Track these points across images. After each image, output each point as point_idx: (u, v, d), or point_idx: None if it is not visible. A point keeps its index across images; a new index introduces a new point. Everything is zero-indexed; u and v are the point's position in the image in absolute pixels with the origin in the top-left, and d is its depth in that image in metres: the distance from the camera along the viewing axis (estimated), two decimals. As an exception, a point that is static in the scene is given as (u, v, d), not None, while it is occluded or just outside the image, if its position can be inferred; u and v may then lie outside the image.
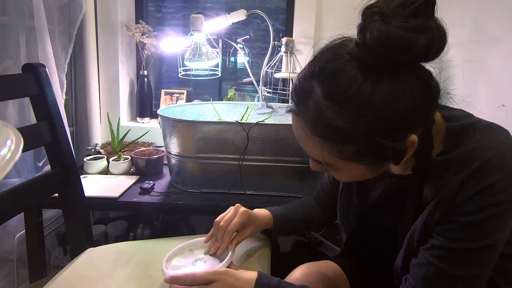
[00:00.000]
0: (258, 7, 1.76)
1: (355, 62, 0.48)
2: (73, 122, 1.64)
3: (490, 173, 0.49)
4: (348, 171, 0.55)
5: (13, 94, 0.85)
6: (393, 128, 0.48)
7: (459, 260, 0.52)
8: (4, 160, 0.36)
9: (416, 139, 0.50)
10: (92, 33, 1.55)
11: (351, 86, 0.47)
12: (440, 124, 0.56)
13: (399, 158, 0.52)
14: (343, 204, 0.77)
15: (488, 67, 0.92)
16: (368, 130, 0.47)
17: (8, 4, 1.23)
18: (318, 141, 0.51)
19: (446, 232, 0.52)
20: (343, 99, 0.47)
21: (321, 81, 0.49)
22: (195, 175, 1.16)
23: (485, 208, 0.49)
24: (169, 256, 0.71)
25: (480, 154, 0.50)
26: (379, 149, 0.49)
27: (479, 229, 0.50)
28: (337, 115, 0.48)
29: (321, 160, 0.54)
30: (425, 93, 0.49)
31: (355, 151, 0.50)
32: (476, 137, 0.52)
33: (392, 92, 0.47)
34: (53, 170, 0.86)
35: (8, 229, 1.24)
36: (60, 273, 0.76)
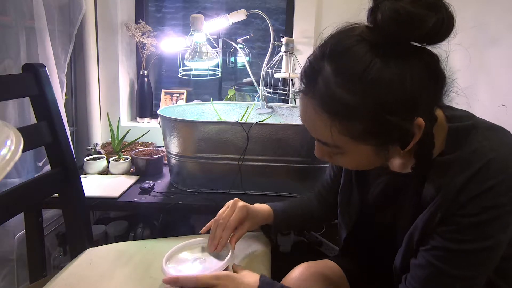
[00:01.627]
0: (258, 7, 1.76)
1: (365, 42, 0.49)
2: (73, 122, 1.64)
3: (491, 175, 0.49)
4: (354, 154, 0.54)
5: (13, 94, 0.85)
6: (401, 106, 0.48)
7: (460, 261, 0.51)
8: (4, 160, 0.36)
9: (423, 123, 0.50)
10: (92, 33, 1.55)
11: (361, 64, 0.48)
12: (442, 124, 0.56)
13: (405, 142, 0.52)
14: (343, 201, 0.77)
15: (488, 67, 0.92)
16: (377, 106, 0.48)
17: (8, 4, 1.23)
18: (328, 119, 0.51)
19: (447, 233, 0.52)
20: (352, 76, 0.48)
21: (331, 60, 0.50)
22: (195, 175, 1.16)
23: (486, 210, 0.49)
24: (168, 256, 0.70)
25: (482, 156, 0.50)
26: (387, 127, 0.49)
27: (480, 230, 0.50)
28: (347, 91, 0.48)
29: (329, 141, 0.53)
30: (432, 77, 0.50)
31: (364, 129, 0.50)
32: (478, 138, 0.52)
33: (401, 71, 0.47)
34: (53, 170, 0.86)
35: (8, 229, 1.24)
36: (60, 273, 0.76)
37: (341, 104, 0.49)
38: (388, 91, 0.47)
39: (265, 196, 1.15)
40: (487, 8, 0.93)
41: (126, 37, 1.69)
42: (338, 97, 0.49)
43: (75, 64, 1.60)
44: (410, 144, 0.52)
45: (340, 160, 0.58)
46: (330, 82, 0.49)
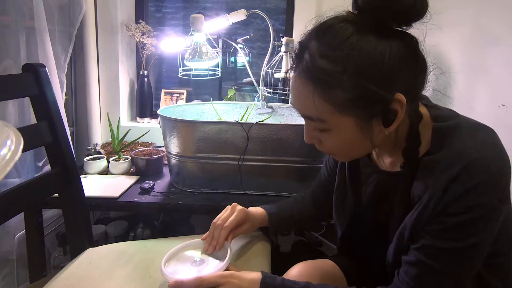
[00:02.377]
0: (258, 7, 1.76)
1: (348, 22, 0.53)
2: (73, 122, 1.64)
3: (473, 175, 0.50)
4: (339, 130, 0.56)
5: (13, 94, 0.85)
6: (379, 76, 0.51)
7: (448, 259, 0.53)
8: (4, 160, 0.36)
9: (404, 99, 0.52)
10: (92, 33, 1.55)
11: (342, 36, 0.52)
12: (428, 123, 0.58)
13: (388, 120, 0.53)
14: (338, 200, 0.78)
15: (488, 67, 0.92)
16: (357, 73, 0.50)
17: (8, 4, 1.23)
18: (311, 89, 0.53)
19: (435, 232, 0.54)
20: (334, 46, 0.51)
21: (317, 37, 0.54)
22: (195, 175, 1.16)
23: (470, 209, 0.51)
24: (167, 257, 0.70)
25: (465, 156, 0.51)
26: (367, 96, 0.51)
27: (465, 229, 0.52)
28: (328, 60, 0.52)
29: (314, 113, 0.55)
30: (411, 57, 0.53)
31: (345, 97, 0.52)
32: (461, 138, 0.53)
33: (380, 45, 0.51)
34: (53, 170, 0.86)
35: (8, 229, 1.24)
36: (60, 273, 0.76)
37: (323, 72, 0.52)
38: (367, 60, 0.50)
39: (265, 196, 1.15)
40: (487, 8, 0.93)
41: (126, 37, 1.69)
42: (321, 66, 0.52)
43: (75, 64, 1.60)
44: (393, 124, 0.54)
45: (327, 141, 0.59)
46: (314, 54, 0.53)
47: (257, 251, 0.83)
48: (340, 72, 0.51)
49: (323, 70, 0.52)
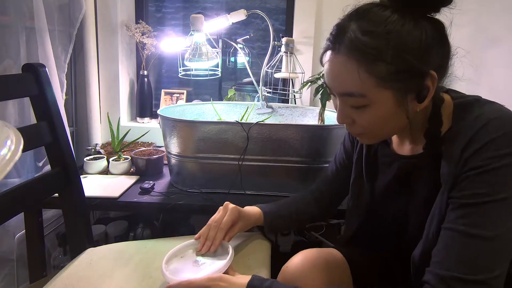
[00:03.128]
0: (258, 7, 1.76)
1: (383, 6, 0.57)
2: (73, 122, 1.64)
3: (491, 130, 0.52)
4: (378, 105, 0.57)
5: (13, 94, 0.85)
6: (419, 51, 0.54)
7: (475, 218, 0.51)
8: (4, 160, 0.36)
9: (436, 76, 0.55)
10: (92, 33, 1.55)
11: (381, 17, 0.55)
12: (449, 103, 0.61)
13: (422, 95, 0.56)
14: (355, 193, 0.79)
15: (488, 67, 0.92)
16: (399, 46, 0.53)
17: (8, 4, 1.23)
18: (355, 65, 0.55)
19: (458, 192, 0.53)
20: (375, 27, 0.55)
21: (356, 19, 0.57)
22: (195, 175, 1.16)
23: (490, 159, 0.51)
24: (168, 258, 0.70)
25: (483, 118, 0.54)
26: (408, 71, 0.54)
27: (490, 181, 0.51)
28: (371, 36, 0.54)
29: (357, 88, 0.57)
30: (440, 38, 0.57)
31: (387, 70, 0.54)
32: (480, 109, 0.56)
33: (416, 25, 0.55)
34: (53, 170, 0.86)
35: (8, 229, 1.24)
36: (60, 273, 0.76)
37: (367, 47, 0.54)
38: (408, 36, 0.54)
39: (265, 196, 1.15)
40: (487, 8, 0.93)
41: (126, 37, 1.69)
42: (364, 42, 0.54)
43: (75, 64, 1.60)
44: (425, 99, 0.57)
45: (362, 118, 0.60)
46: (356, 32, 0.55)
47: (257, 251, 0.83)
48: (384, 45, 0.54)
49: (368, 44, 0.54)
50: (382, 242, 0.77)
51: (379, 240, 0.77)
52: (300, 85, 1.38)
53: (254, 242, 0.87)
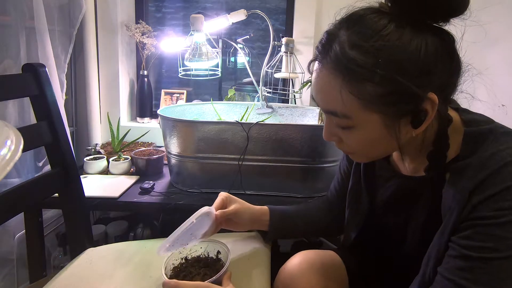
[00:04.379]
0: (258, 7, 1.76)
1: (381, 13, 0.50)
2: (73, 122, 1.64)
3: (507, 176, 0.45)
4: (364, 128, 0.52)
5: (13, 94, 0.85)
6: (415, 71, 0.47)
7: (480, 274, 0.46)
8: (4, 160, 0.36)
9: (437, 99, 0.48)
10: (92, 33, 1.55)
11: (375, 27, 0.48)
12: (458, 126, 0.54)
13: (418, 120, 0.49)
14: (352, 201, 0.75)
15: (488, 67, 0.92)
16: (390, 66, 0.47)
17: (8, 4, 1.23)
18: (339, 82, 0.49)
19: (462, 240, 0.48)
20: (367, 37, 0.48)
21: (347, 27, 0.50)
22: (195, 175, 1.16)
23: (503, 211, 0.45)
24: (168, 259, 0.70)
25: (499, 158, 0.47)
26: (399, 94, 0.48)
27: (499, 236, 0.45)
28: (359, 51, 0.48)
29: (339, 107, 0.51)
30: (447, 54, 0.50)
31: (374, 92, 0.48)
32: (495, 144, 0.49)
33: (415, 38, 0.47)
34: (53, 170, 0.86)
35: (8, 229, 1.24)
36: (60, 273, 0.76)
37: (354, 63, 0.48)
38: (402, 54, 0.47)
39: (265, 196, 1.15)
40: (487, 8, 0.93)
41: (126, 37, 1.69)
42: (351, 57, 0.48)
43: (75, 64, 1.60)
44: (423, 125, 0.50)
45: (349, 139, 0.55)
46: (344, 44, 0.49)
47: (257, 251, 0.83)
48: (372, 64, 0.47)
49: (354, 61, 0.48)
50: (380, 254, 0.75)
51: (377, 251, 0.76)
52: (300, 85, 1.38)
53: (254, 243, 0.87)
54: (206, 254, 0.74)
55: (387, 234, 0.71)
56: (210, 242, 0.75)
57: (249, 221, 0.79)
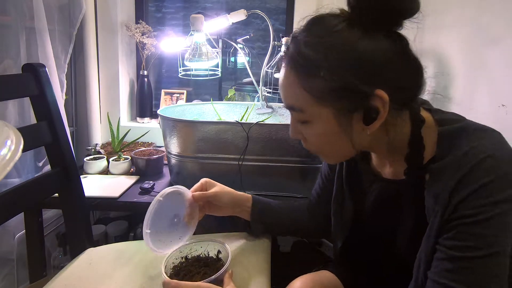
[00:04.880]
0: (258, 7, 1.76)
1: (338, 17, 0.54)
2: (73, 122, 1.64)
3: (483, 173, 0.47)
4: (318, 121, 0.55)
5: (13, 94, 0.85)
6: (361, 68, 0.50)
7: (467, 275, 0.47)
8: (4, 160, 0.36)
9: (386, 96, 0.50)
10: (92, 33, 1.56)
11: (329, 27, 0.52)
12: (431, 127, 0.56)
13: (369, 117, 0.52)
14: (336, 210, 0.76)
15: (488, 67, 0.92)
16: (338, 63, 0.50)
17: (8, 4, 1.23)
18: (294, 77, 0.54)
19: (447, 241, 0.49)
20: (319, 36, 0.52)
21: (305, 28, 0.55)
22: (195, 175, 1.16)
23: (481, 209, 0.46)
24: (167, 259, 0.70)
25: (473, 156, 0.48)
26: (346, 89, 0.51)
27: (479, 234, 0.46)
28: (312, 48, 0.52)
29: (295, 102, 0.56)
30: (399, 55, 0.52)
31: (324, 86, 0.51)
32: (468, 141, 0.51)
33: (365, 39, 0.51)
34: (53, 170, 0.86)
35: (8, 229, 1.24)
36: (60, 273, 0.76)
37: (305, 60, 0.52)
38: (349, 52, 0.50)
39: (265, 196, 1.15)
40: (487, 8, 0.93)
41: (126, 37, 1.69)
42: (304, 54, 0.52)
43: (75, 64, 1.60)
44: (375, 123, 0.52)
45: (308, 134, 0.59)
46: (300, 43, 0.54)
47: (257, 251, 0.83)
48: (321, 60, 0.51)
49: (306, 57, 0.52)
50: (368, 260, 0.74)
51: (365, 257, 0.75)
52: (300, 85, 1.38)
53: (254, 242, 0.87)
54: (206, 254, 0.74)
55: (376, 241, 0.70)
56: (210, 242, 0.75)
57: (230, 204, 0.80)
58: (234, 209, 0.82)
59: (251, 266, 0.77)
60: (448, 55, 1.14)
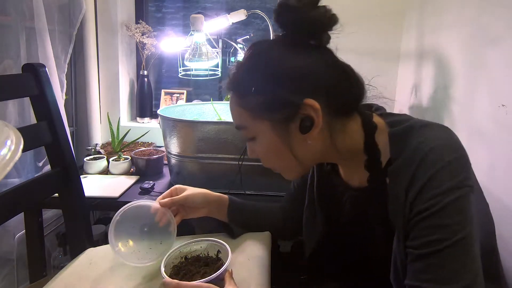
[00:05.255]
0: (258, 7, 1.76)
1: (269, 39, 0.62)
2: (73, 122, 1.64)
3: (430, 166, 0.48)
4: (260, 136, 0.59)
5: (13, 94, 0.85)
6: (287, 81, 0.54)
7: (437, 271, 0.46)
8: (4, 160, 0.36)
9: (316, 104, 0.53)
10: (92, 33, 1.56)
11: (258, 49, 0.58)
12: (383, 130, 0.57)
13: (305, 126, 0.55)
14: (308, 218, 0.76)
15: (488, 67, 0.92)
16: (265, 78, 0.55)
17: (8, 4, 1.23)
18: (233, 99, 0.59)
19: (413, 241, 0.49)
20: (249, 58, 0.58)
21: (245, 52, 0.60)
22: (195, 175, 1.16)
23: (434, 200, 0.47)
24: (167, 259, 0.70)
25: (420, 151, 0.50)
26: (276, 102, 0.55)
27: (439, 225, 0.46)
28: (243, 69, 0.58)
29: (237, 121, 0.61)
30: (325, 66, 0.56)
31: (256, 102, 0.56)
32: (415, 138, 0.52)
33: (288, 54, 0.56)
34: (53, 170, 0.86)
35: (8, 229, 1.24)
36: (60, 273, 0.76)
37: (237, 80, 0.58)
38: (275, 67, 0.55)
39: (265, 196, 1.15)
40: (487, 8, 0.93)
41: (126, 37, 1.69)
42: (237, 75, 0.58)
43: (75, 64, 1.60)
44: (313, 130, 0.55)
45: (257, 151, 0.62)
46: (236, 67, 0.59)
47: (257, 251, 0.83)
48: (251, 78, 0.56)
49: (238, 78, 0.58)
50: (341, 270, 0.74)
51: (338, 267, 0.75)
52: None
53: (254, 242, 0.87)
54: (206, 253, 0.74)
55: (350, 249, 0.70)
56: (210, 242, 0.75)
57: (204, 204, 0.80)
58: (210, 209, 0.82)
59: (251, 266, 0.76)
60: (448, 55, 1.14)
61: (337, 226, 0.71)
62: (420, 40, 1.36)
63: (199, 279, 0.63)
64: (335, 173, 0.70)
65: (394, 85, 1.58)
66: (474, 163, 0.53)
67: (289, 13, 0.55)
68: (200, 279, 0.63)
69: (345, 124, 0.58)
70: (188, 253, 0.74)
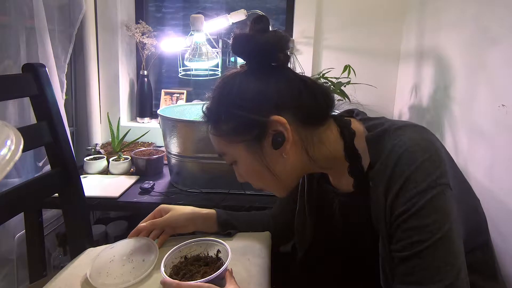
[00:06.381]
0: (258, 7, 1.76)
1: (236, 69, 0.63)
2: (73, 122, 1.64)
3: (404, 167, 0.49)
4: (239, 159, 0.61)
5: (13, 94, 0.85)
6: (249, 103, 0.57)
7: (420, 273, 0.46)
8: (4, 160, 0.36)
9: (282, 119, 0.55)
10: (92, 33, 1.56)
11: (222, 80, 0.61)
12: (361, 135, 0.58)
13: (276, 141, 0.57)
14: (299, 223, 0.77)
15: (488, 67, 0.92)
16: (230, 103, 0.58)
17: (8, 4, 1.23)
18: (210, 130, 0.63)
19: (395, 244, 0.49)
20: (216, 90, 0.61)
21: (213, 88, 0.63)
22: (195, 175, 1.16)
23: (411, 202, 0.47)
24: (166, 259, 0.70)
25: (394, 154, 0.50)
26: (244, 123, 0.57)
27: (418, 226, 0.47)
28: (213, 101, 0.62)
29: (219, 149, 0.64)
30: (287, 83, 0.59)
31: (227, 128, 0.59)
32: (390, 141, 0.52)
33: (246, 78, 0.59)
34: (53, 170, 0.86)
35: (8, 229, 1.24)
36: (60, 273, 0.76)
37: (208, 111, 0.62)
38: (238, 92, 0.58)
39: (265, 196, 1.15)
40: (487, 8, 0.93)
41: (126, 37, 1.69)
42: (207, 107, 0.62)
43: (75, 64, 1.60)
44: (285, 144, 0.56)
45: (241, 174, 0.64)
46: (209, 99, 0.62)
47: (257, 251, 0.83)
48: (219, 108, 0.60)
49: (208, 110, 0.62)
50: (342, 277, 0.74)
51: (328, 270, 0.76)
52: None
53: (254, 242, 0.87)
54: (206, 253, 0.74)
55: (340, 254, 0.70)
56: (209, 242, 0.75)
57: (188, 223, 0.81)
58: (197, 225, 0.82)
59: (251, 266, 0.76)
60: (448, 55, 1.14)
61: (328, 231, 0.72)
62: (420, 40, 1.36)
63: (199, 279, 0.63)
64: (324, 180, 0.71)
65: (394, 85, 1.58)
66: (474, 163, 0.53)
67: (244, 42, 0.61)
68: (200, 278, 0.63)
69: (321, 134, 0.59)
70: (188, 253, 0.74)
